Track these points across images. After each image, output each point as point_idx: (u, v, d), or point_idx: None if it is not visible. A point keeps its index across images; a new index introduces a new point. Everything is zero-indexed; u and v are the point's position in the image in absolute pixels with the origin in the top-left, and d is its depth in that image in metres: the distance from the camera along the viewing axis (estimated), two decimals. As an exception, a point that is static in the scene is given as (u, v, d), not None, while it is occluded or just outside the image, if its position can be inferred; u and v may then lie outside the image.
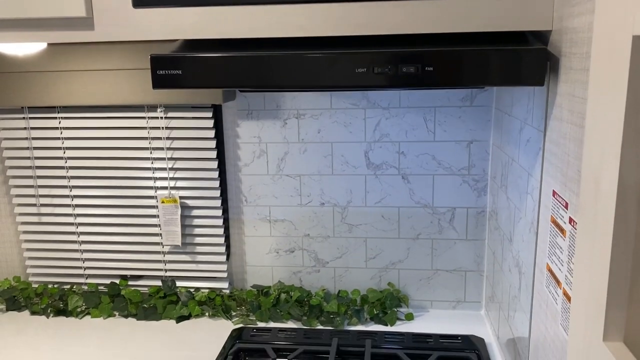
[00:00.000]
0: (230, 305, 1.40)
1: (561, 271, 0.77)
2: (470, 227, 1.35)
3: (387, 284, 1.42)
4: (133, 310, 1.40)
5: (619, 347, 0.52)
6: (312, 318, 1.35)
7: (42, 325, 1.37)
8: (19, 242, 1.51)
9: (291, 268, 1.44)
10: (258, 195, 1.40)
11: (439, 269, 1.39)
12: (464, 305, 1.40)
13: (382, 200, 1.37)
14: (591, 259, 0.56)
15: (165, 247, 1.43)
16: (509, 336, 1.10)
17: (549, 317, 0.83)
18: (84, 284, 1.48)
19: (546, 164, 0.86)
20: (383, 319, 1.34)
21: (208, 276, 1.45)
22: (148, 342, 1.28)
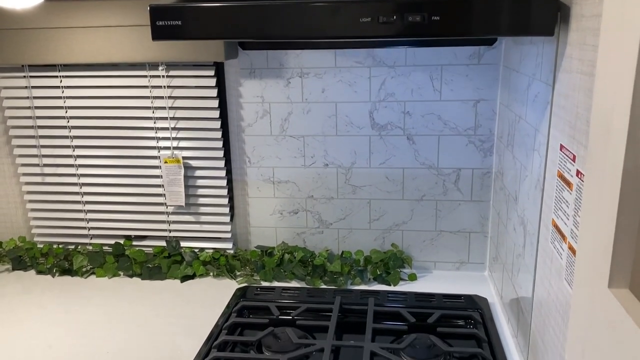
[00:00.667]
0: (235, 265, 1.40)
1: (567, 225, 0.76)
2: (475, 188, 1.34)
3: (391, 245, 1.41)
4: (137, 270, 1.41)
5: (625, 294, 0.51)
6: (315, 278, 1.35)
7: (48, 284, 1.38)
8: (23, 202, 1.51)
9: (295, 229, 1.44)
10: (261, 156, 1.39)
11: (443, 231, 1.39)
12: (467, 266, 1.40)
13: (386, 161, 1.35)
14: (599, 206, 0.55)
15: (169, 207, 1.43)
16: (512, 296, 1.10)
17: (554, 273, 0.82)
18: (88, 244, 1.49)
19: (554, 118, 0.84)
20: (386, 279, 1.35)
21: (212, 237, 1.45)
22: (153, 301, 1.29)
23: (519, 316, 1.03)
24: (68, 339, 1.14)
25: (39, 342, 1.12)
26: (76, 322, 1.20)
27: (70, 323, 1.19)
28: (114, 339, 1.13)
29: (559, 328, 0.79)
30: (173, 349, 1.09)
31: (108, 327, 1.17)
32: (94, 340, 1.13)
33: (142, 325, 1.18)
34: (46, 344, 1.12)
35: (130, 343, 1.11)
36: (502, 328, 1.14)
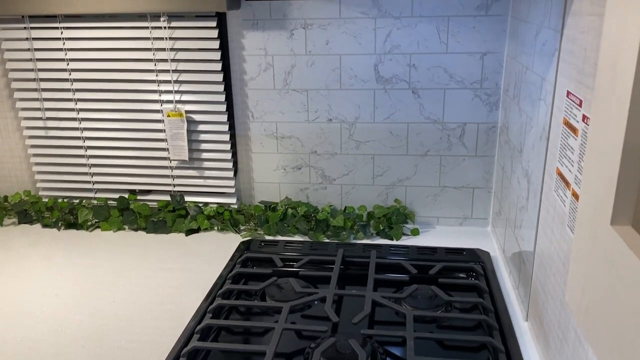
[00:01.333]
0: (239, 220, 1.41)
1: (571, 172, 0.76)
2: (480, 143, 1.33)
3: (394, 200, 1.41)
4: (142, 224, 1.42)
5: (627, 231, 0.51)
6: (318, 232, 1.36)
7: (54, 237, 1.40)
8: (27, 156, 1.51)
9: (298, 185, 1.44)
10: (264, 110, 1.38)
11: (446, 186, 1.38)
12: (470, 221, 1.41)
13: (390, 116, 1.34)
14: (604, 143, 0.54)
15: (173, 162, 1.43)
16: (514, 249, 1.10)
17: (556, 221, 0.82)
18: (93, 198, 1.50)
19: (561, 65, 0.82)
20: (389, 233, 1.35)
21: (216, 191, 1.45)
22: (158, 253, 1.30)
23: (521, 267, 1.04)
24: (74, 288, 1.15)
25: (45, 292, 1.14)
26: (82, 273, 1.22)
27: (76, 274, 1.21)
28: (119, 290, 1.14)
29: (560, 275, 0.80)
30: (178, 299, 1.10)
31: (113, 279, 1.19)
32: (100, 291, 1.14)
33: (147, 276, 1.19)
34: (53, 293, 1.13)
35: (135, 294, 1.13)
36: (503, 280, 1.15)
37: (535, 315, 0.94)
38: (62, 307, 1.08)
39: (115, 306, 1.08)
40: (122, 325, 1.02)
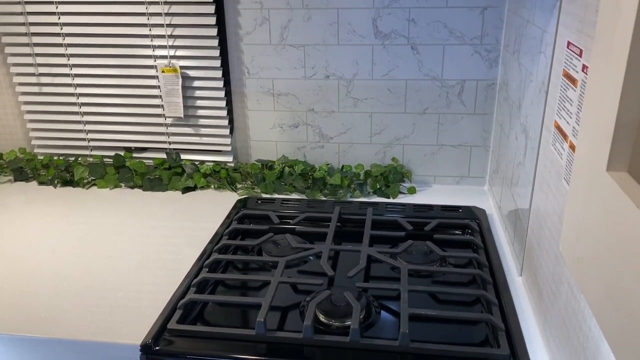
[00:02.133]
0: (235, 178, 1.41)
1: (569, 124, 0.75)
2: (479, 100, 1.32)
3: (391, 159, 1.41)
4: (139, 182, 1.41)
5: (623, 177, 0.50)
6: (315, 191, 1.36)
7: (50, 195, 1.39)
8: (21, 113, 1.50)
9: (295, 143, 1.43)
10: (261, 66, 1.36)
11: (444, 144, 1.37)
12: (467, 180, 1.40)
13: (389, 72, 1.32)
14: (603, 88, 0.53)
15: (168, 119, 1.41)
16: (511, 206, 1.10)
17: (553, 175, 0.82)
18: (89, 155, 1.49)
19: (562, 16, 0.80)
20: (385, 192, 1.35)
21: (212, 149, 1.44)
22: (155, 211, 1.30)
23: (516, 224, 1.04)
24: (71, 244, 1.16)
25: (42, 248, 1.15)
26: (78, 230, 1.22)
27: (73, 231, 1.21)
28: (115, 246, 1.15)
29: (555, 229, 0.80)
30: (174, 255, 1.11)
31: (110, 235, 1.19)
32: (96, 246, 1.15)
33: (143, 233, 1.20)
34: (50, 249, 1.14)
35: (131, 250, 1.13)
36: (498, 237, 1.16)
37: (529, 270, 0.95)
38: (59, 262, 1.09)
39: (112, 261, 1.09)
40: (119, 279, 1.03)
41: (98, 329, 0.90)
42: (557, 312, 0.77)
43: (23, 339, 0.89)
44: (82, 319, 0.92)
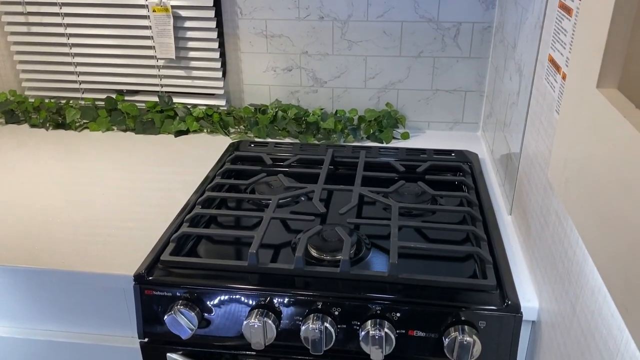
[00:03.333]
0: (228, 122, 1.40)
1: (562, 55, 0.74)
2: (475, 43, 1.30)
3: (385, 104, 1.40)
4: (131, 125, 1.40)
5: (613, 93, 0.50)
6: (308, 135, 1.35)
7: (42, 138, 1.38)
8: (10, 54, 1.47)
9: (289, 88, 1.42)
10: (254, 7, 1.33)
11: (438, 89, 1.37)
12: (461, 126, 1.40)
13: (384, 14, 1.30)
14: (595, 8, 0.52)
15: (160, 60, 1.39)
16: (503, 150, 1.10)
17: (545, 110, 0.82)
18: (80, 98, 1.47)
19: (562, -55, 0.79)
20: (379, 137, 1.35)
21: (204, 92, 1.43)
22: (148, 154, 1.30)
23: (508, 165, 1.05)
24: (64, 185, 1.16)
25: (35, 188, 1.15)
26: (71, 172, 1.22)
27: (66, 173, 1.21)
28: (109, 186, 1.15)
29: (545, 163, 0.80)
30: (167, 194, 1.11)
31: (103, 177, 1.19)
32: (90, 186, 1.15)
33: (136, 175, 1.20)
34: (43, 189, 1.14)
35: (125, 189, 1.14)
36: (490, 179, 1.16)
37: (518, 208, 0.96)
38: (53, 200, 1.09)
39: (105, 199, 1.09)
40: (113, 215, 1.03)
41: (92, 260, 0.91)
42: (544, 243, 0.79)
43: (17, 269, 0.90)
44: (75, 252, 0.93)
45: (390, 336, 0.79)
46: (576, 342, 0.63)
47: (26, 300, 0.96)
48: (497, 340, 0.80)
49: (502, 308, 0.79)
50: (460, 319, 0.80)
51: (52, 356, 0.98)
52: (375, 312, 0.81)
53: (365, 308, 0.81)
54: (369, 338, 0.79)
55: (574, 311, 0.64)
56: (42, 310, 0.96)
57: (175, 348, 0.89)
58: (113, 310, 0.94)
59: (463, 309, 0.79)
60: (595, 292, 0.57)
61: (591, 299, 0.59)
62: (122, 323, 0.95)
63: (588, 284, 0.60)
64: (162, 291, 0.85)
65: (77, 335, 0.97)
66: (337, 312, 0.82)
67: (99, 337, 0.97)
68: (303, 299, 0.82)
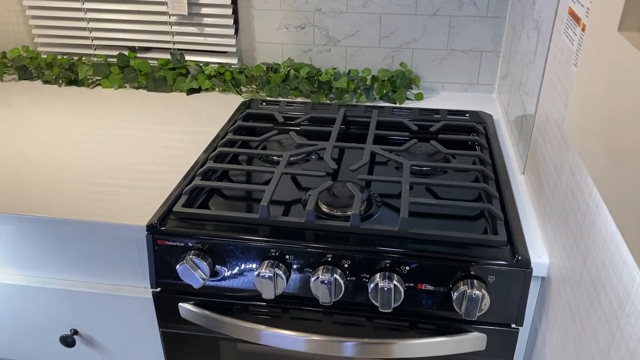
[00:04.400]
0: (240, 80, 1.39)
1: (583, 6, 0.72)
2: (492, 2, 1.27)
3: (400, 64, 1.38)
4: (143, 82, 1.40)
5: (635, 36, 0.49)
6: (320, 94, 1.34)
7: (55, 94, 1.39)
8: (22, 9, 1.46)
9: (301, 46, 1.40)
10: (267, -38, 1.31)
11: (454, 49, 1.34)
12: (476, 87, 1.38)
13: (400, -30, 1.27)
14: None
15: (172, 17, 1.38)
16: (518, 112, 1.08)
17: (562, 64, 0.80)
18: (92, 55, 1.47)
19: None
20: (392, 97, 1.33)
21: (217, 50, 1.42)
22: (160, 111, 1.29)
23: (522, 124, 1.03)
24: (77, 139, 1.16)
25: (48, 142, 1.15)
26: (84, 128, 1.22)
27: (78, 128, 1.22)
28: (121, 142, 1.15)
29: (560, 119, 0.79)
30: (179, 151, 1.11)
31: (116, 132, 1.20)
32: (102, 141, 1.15)
33: (149, 132, 1.20)
34: (55, 142, 1.15)
35: (137, 145, 1.14)
36: (504, 140, 1.15)
37: (532, 167, 0.95)
38: (66, 154, 1.10)
39: (118, 154, 1.10)
40: (125, 168, 1.04)
41: (105, 211, 0.92)
42: (556, 200, 0.78)
43: (31, 218, 0.91)
44: (89, 203, 0.94)
45: (399, 289, 0.80)
46: (586, 294, 0.63)
47: (40, 249, 0.97)
48: (506, 295, 0.80)
49: (512, 263, 0.79)
50: (469, 274, 0.80)
51: (66, 305, 1.00)
52: (385, 266, 0.82)
53: (374, 261, 0.82)
54: (378, 290, 0.80)
55: (585, 263, 0.64)
56: (56, 259, 0.98)
57: (187, 298, 0.90)
58: (126, 260, 0.95)
59: (473, 263, 0.79)
60: (607, 242, 0.57)
61: (602, 249, 0.58)
62: (135, 274, 0.97)
63: (600, 234, 0.60)
64: (174, 241, 0.86)
65: (90, 284, 0.99)
66: (347, 264, 0.83)
67: (112, 287, 0.98)
68: (313, 252, 0.83)
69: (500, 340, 0.84)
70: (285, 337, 0.86)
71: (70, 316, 1.02)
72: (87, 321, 1.01)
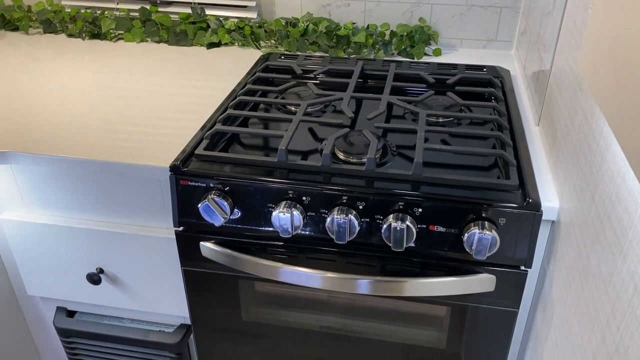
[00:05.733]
0: (259, 34, 1.40)
1: (603, -51, 0.72)
2: (513, -45, 1.26)
3: (419, 19, 1.38)
4: (164, 36, 1.42)
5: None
6: (339, 49, 1.35)
7: (79, 48, 1.42)
8: (46, -38, 1.49)
9: (320, 0, 1.41)
10: None
11: (473, 5, 1.34)
12: (494, 44, 1.38)
13: None
14: None
15: (193, -30, 1.39)
16: (535, 68, 1.09)
17: (580, 10, 0.80)
18: (115, 9, 1.49)
19: None
20: (410, 52, 1.34)
21: (236, 4, 1.43)
22: (181, 65, 1.32)
23: (539, 76, 1.04)
24: (100, 90, 1.20)
25: (73, 94, 1.19)
26: (107, 80, 1.25)
27: (102, 80, 1.25)
28: (144, 90, 1.18)
29: (576, 63, 0.80)
30: (201, 100, 1.14)
31: (138, 83, 1.22)
32: (126, 90, 1.19)
33: (171, 83, 1.23)
34: (80, 90, 1.18)
35: (160, 94, 1.17)
36: (520, 95, 1.16)
37: (547, 117, 0.96)
38: (90, 102, 1.13)
39: (141, 101, 1.13)
40: (148, 116, 1.07)
41: (130, 152, 0.95)
42: (569, 145, 0.80)
43: (61, 159, 0.95)
44: (113, 146, 0.98)
45: (412, 229, 0.83)
46: (592, 228, 0.65)
47: (68, 190, 1.02)
48: (516, 238, 0.83)
49: (522, 206, 0.81)
50: (480, 216, 0.82)
51: (93, 244, 1.05)
52: (398, 208, 0.85)
53: (388, 203, 0.85)
54: (391, 230, 0.82)
55: (593, 200, 0.66)
56: (83, 200, 1.03)
57: (208, 237, 0.94)
58: (150, 201, 0.99)
59: (484, 205, 0.82)
60: (615, 175, 0.59)
61: (610, 183, 0.60)
62: (158, 214, 1.01)
63: (608, 170, 0.61)
64: (196, 182, 0.90)
65: (115, 225, 1.04)
66: (361, 206, 0.86)
67: (137, 227, 1.03)
68: (329, 193, 0.86)
69: (509, 282, 0.87)
70: (302, 274, 0.89)
71: (96, 255, 1.07)
72: (112, 260, 1.06)
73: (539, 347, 0.87)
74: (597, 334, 0.59)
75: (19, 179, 1.03)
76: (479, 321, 0.92)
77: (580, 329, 0.66)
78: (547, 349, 0.81)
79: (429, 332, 0.98)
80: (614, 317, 0.54)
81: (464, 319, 0.93)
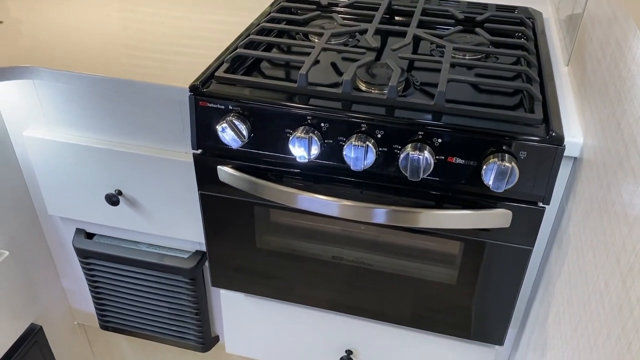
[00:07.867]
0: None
1: None
2: None
3: (450, -43, 1.33)
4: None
5: None
6: (366, -16, 1.31)
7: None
8: None
9: None
10: None
11: (509, -58, 1.28)
12: (528, -15, 1.32)
13: None
14: None
15: None
16: (568, 11, 1.04)
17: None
18: None
19: None
20: (440, -9, 1.30)
21: None
22: None
23: (572, 16, 1.00)
24: (121, 16, 1.19)
25: (96, 15, 1.18)
26: (125, 11, 1.24)
27: (125, 3, 1.24)
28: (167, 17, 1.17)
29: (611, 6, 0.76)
30: (224, 27, 1.12)
31: (161, 12, 1.21)
32: (149, 16, 1.17)
33: (193, 13, 1.21)
34: (103, 16, 1.17)
35: (181, 19, 1.16)
36: (551, 36, 1.12)
37: (577, 55, 0.93)
38: (111, 28, 1.12)
39: (163, 27, 1.12)
40: (170, 42, 1.06)
41: (149, 72, 0.95)
42: (598, 77, 0.77)
43: (81, 76, 0.95)
44: (135, 65, 0.97)
45: (429, 160, 0.82)
46: (616, 156, 0.63)
47: (88, 109, 1.03)
48: (535, 172, 0.81)
49: (545, 139, 0.79)
50: (501, 148, 0.81)
51: (112, 165, 1.07)
52: (418, 137, 0.83)
53: (407, 132, 0.83)
54: (408, 159, 0.82)
55: (619, 127, 0.64)
56: (103, 120, 1.03)
57: (225, 161, 0.95)
58: (168, 123, 1.00)
59: (506, 137, 0.80)
60: (645, 98, 0.57)
61: (638, 106, 0.58)
62: (177, 137, 1.01)
63: (637, 95, 0.59)
64: (215, 103, 0.89)
65: (134, 146, 1.04)
66: (380, 135, 0.85)
67: (155, 149, 1.04)
68: (347, 120, 0.85)
69: (525, 219, 0.86)
70: (318, 201, 0.89)
71: (115, 176, 1.08)
72: (130, 182, 1.08)
73: (550, 285, 0.87)
74: (611, 258, 0.58)
75: (42, 96, 1.04)
76: (492, 259, 0.92)
77: (594, 258, 0.65)
78: (559, 284, 0.81)
79: (440, 268, 0.98)
80: (630, 239, 0.53)
81: (477, 256, 0.93)
